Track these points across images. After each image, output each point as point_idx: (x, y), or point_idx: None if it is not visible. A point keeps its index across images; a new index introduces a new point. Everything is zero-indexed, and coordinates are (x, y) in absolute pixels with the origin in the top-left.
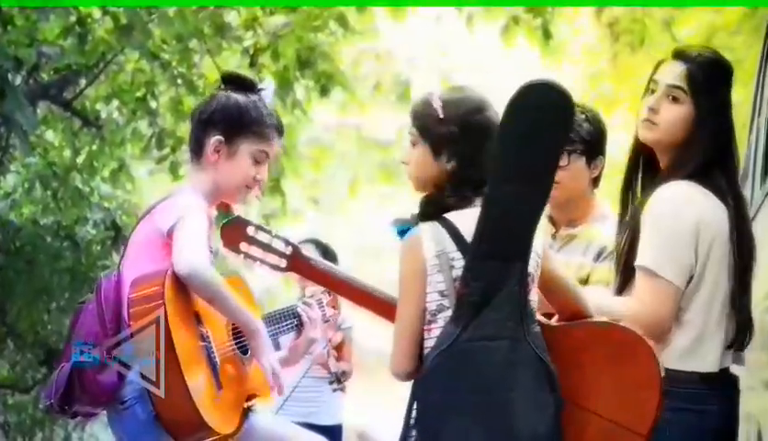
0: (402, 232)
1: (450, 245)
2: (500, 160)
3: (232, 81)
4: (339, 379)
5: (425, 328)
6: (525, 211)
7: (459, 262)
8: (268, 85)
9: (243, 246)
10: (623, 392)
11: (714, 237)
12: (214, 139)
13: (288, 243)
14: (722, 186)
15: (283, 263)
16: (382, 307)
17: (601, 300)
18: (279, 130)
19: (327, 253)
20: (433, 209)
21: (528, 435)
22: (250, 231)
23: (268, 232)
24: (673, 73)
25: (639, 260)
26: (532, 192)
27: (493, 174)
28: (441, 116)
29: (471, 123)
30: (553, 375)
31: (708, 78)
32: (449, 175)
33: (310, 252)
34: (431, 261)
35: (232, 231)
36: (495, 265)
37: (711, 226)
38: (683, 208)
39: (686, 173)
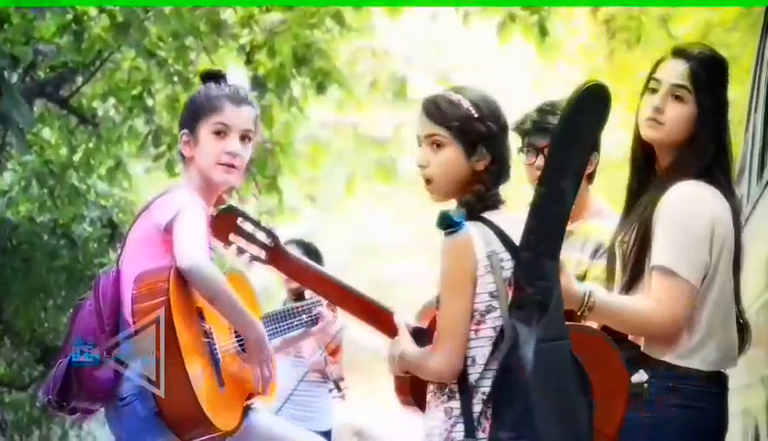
0: (455, 224)
1: (498, 246)
2: (558, 157)
3: (206, 77)
4: (339, 387)
5: (473, 328)
6: (568, 207)
7: (508, 263)
8: (231, 69)
9: (232, 236)
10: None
11: (725, 236)
12: (181, 134)
13: (270, 234)
14: (724, 185)
15: (263, 254)
16: (360, 306)
17: (615, 299)
18: (234, 98)
19: (310, 252)
20: (480, 208)
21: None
22: (239, 221)
23: (255, 223)
24: (676, 71)
25: (656, 259)
26: (575, 188)
27: (550, 171)
28: (476, 114)
29: (502, 120)
30: (587, 376)
31: (710, 76)
32: (481, 174)
33: (292, 251)
34: (482, 262)
35: (224, 220)
36: (550, 263)
37: (723, 225)
38: (698, 207)
39: (692, 172)
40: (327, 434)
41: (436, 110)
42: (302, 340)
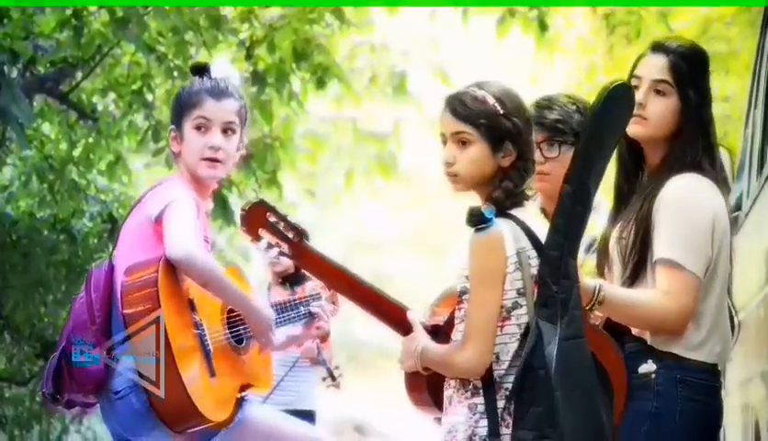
0: (486, 220)
1: (526, 243)
2: (586, 157)
3: (193, 71)
4: (333, 376)
5: (499, 325)
6: (591, 206)
7: (535, 260)
8: (218, 61)
9: (261, 231)
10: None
11: (724, 228)
12: (170, 130)
13: (294, 229)
14: (716, 177)
15: (287, 249)
16: (376, 303)
17: (623, 293)
18: (214, 92)
19: None
20: (509, 204)
21: (608, 437)
22: (268, 215)
23: (282, 218)
24: (656, 66)
25: (660, 253)
26: (597, 187)
27: (578, 171)
28: (501, 111)
29: (526, 115)
30: (605, 373)
31: (690, 68)
32: (507, 170)
33: None
34: (512, 258)
35: (254, 215)
36: (573, 262)
37: (722, 217)
38: (698, 200)
39: (684, 166)
40: (311, 414)
41: (462, 107)
42: (305, 340)
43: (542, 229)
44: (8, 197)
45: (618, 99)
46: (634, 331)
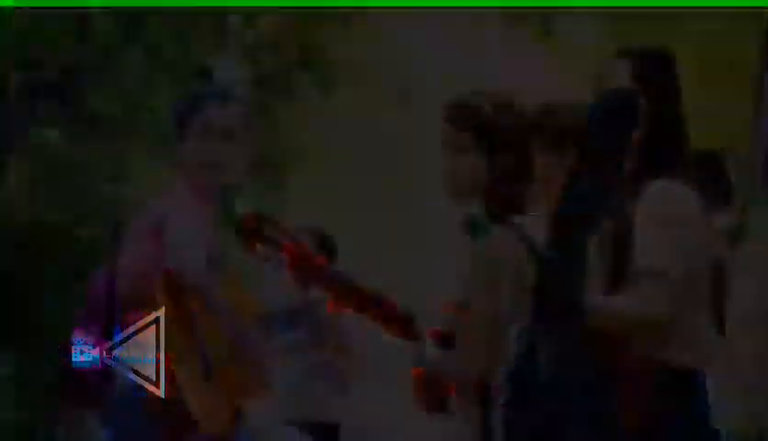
0: (483, 228)
1: (524, 249)
2: (584, 160)
3: (197, 75)
4: (346, 390)
5: (497, 331)
6: (593, 210)
7: (533, 266)
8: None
9: (257, 243)
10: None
11: (701, 232)
12: (173, 135)
13: (293, 239)
14: (690, 181)
15: (286, 260)
16: (381, 311)
17: (605, 301)
18: (215, 96)
19: (324, 242)
20: (506, 211)
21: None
22: (264, 227)
23: (279, 229)
24: (618, 72)
25: (642, 260)
26: (600, 192)
27: (576, 174)
28: (497, 118)
29: (526, 122)
30: (607, 376)
31: (654, 70)
32: (505, 177)
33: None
34: (509, 266)
35: (250, 226)
36: (572, 266)
37: (700, 222)
38: (678, 205)
39: (659, 169)
40: (334, 428)
41: (457, 115)
42: (308, 346)
43: (541, 235)
44: (12, 202)
45: (621, 103)
46: None
